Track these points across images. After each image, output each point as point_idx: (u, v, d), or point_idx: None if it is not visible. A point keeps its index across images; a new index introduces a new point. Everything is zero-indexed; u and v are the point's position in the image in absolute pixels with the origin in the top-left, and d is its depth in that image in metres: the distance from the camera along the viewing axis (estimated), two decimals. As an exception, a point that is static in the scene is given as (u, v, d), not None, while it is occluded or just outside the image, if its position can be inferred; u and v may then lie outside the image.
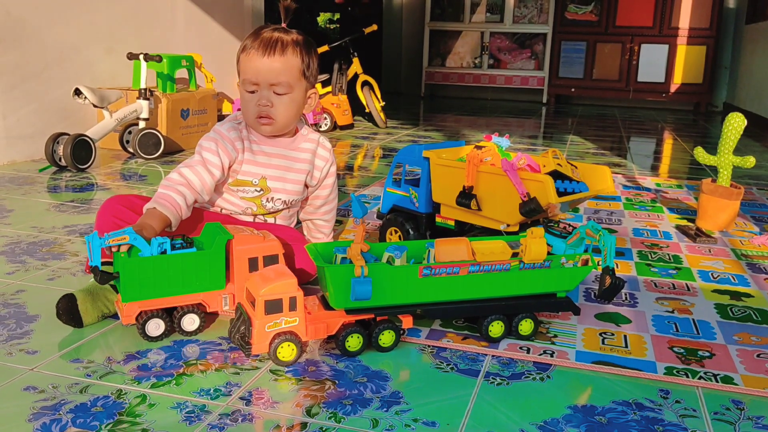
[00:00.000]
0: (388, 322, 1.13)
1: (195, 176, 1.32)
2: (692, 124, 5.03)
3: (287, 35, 1.35)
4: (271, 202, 1.43)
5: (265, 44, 1.33)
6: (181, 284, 1.15)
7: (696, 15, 5.76)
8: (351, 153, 3.24)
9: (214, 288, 1.18)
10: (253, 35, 1.35)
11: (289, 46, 1.34)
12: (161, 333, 1.15)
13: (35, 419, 0.90)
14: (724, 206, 1.92)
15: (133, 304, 1.13)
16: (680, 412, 0.98)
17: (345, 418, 0.93)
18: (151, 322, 1.14)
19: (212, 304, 1.19)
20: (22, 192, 2.19)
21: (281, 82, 1.33)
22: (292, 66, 1.34)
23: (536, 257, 1.14)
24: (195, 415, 0.93)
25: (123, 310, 1.14)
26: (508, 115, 5.33)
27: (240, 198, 1.42)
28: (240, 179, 1.40)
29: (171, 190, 1.27)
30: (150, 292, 1.13)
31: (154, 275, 1.13)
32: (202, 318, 1.17)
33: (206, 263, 1.16)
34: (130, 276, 1.11)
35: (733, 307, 1.38)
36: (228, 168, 1.38)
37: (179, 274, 1.14)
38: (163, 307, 1.15)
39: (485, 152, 1.43)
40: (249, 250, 1.17)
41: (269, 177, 1.41)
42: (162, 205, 1.24)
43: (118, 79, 3.17)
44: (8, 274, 1.44)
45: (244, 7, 4.22)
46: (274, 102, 1.35)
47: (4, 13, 2.58)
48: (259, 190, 1.41)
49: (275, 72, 1.33)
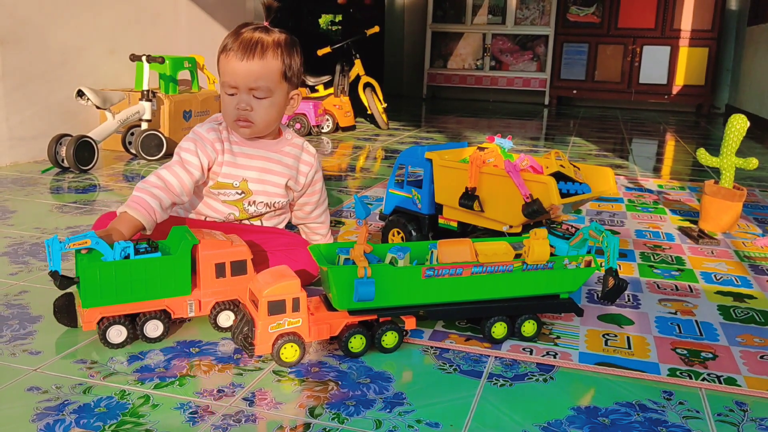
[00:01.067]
0: (391, 323, 1.13)
1: (173, 177, 1.30)
2: (694, 126, 5.02)
3: (268, 35, 1.31)
4: (253, 206, 1.41)
5: (245, 46, 1.28)
6: (145, 290, 1.12)
7: (698, 17, 5.77)
8: (353, 154, 3.24)
9: (179, 294, 1.15)
10: (234, 35, 1.31)
11: (270, 49, 1.30)
12: (123, 340, 1.11)
13: (39, 419, 0.90)
14: (727, 208, 1.92)
15: (94, 310, 1.10)
16: (683, 413, 0.98)
17: (348, 419, 0.93)
18: (112, 328, 1.10)
19: (177, 310, 1.16)
20: (25, 193, 2.19)
21: (260, 87, 1.30)
22: (272, 69, 1.31)
23: (539, 258, 1.14)
24: (198, 415, 0.93)
25: (84, 316, 1.10)
26: (509, 116, 5.34)
27: (222, 203, 1.40)
28: (220, 182, 1.38)
29: (145, 193, 1.25)
30: (112, 298, 1.10)
31: (116, 280, 1.10)
32: (166, 324, 1.14)
33: (171, 268, 1.13)
34: (91, 281, 1.08)
35: (736, 309, 1.37)
36: (208, 170, 1.36)
37: (143, 280, 1.12)
38: (126, 313, 1.12)
39: (488, 153, 1.43)
40: (215, 255, 1.15)
41: (250, 179, 1.39)
42: (134, 209, 1.22)
43: (121, 81, 3.18)
44: (11, 275, 1.44)
45: (246, 9, 4.23)
46: (254, 106, 1.32)
47: (8, 14, 2.59)
48: (240, 192, 1.39)
49: (254, 76, 1.29)
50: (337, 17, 9.10)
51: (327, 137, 3.76)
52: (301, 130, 3.71)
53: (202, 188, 1.40)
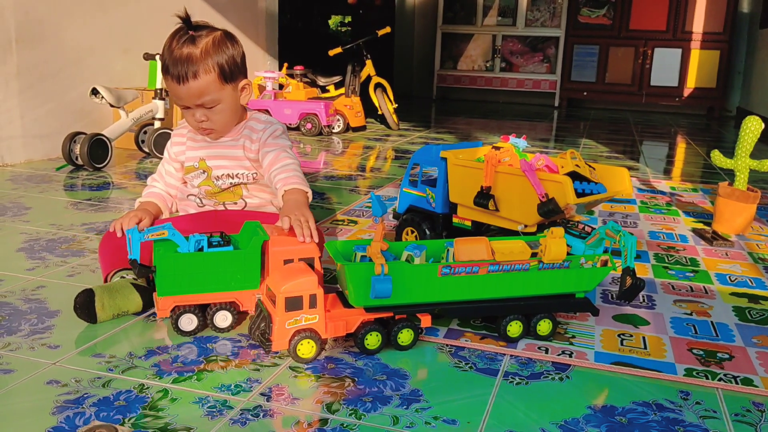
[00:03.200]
0: (407, 321, 1.13)
1: (158, 175, 1.45)
2: (705, 129, 5.00)
3: (195, 46, 1.29)
4: (221, 180, 1.43)
5: (177, 71, 1.29)
6: (216, 282, 1.17)
7: (710, 19, 5.74)
8: (363, 154, 3.25)
9: (248, 287, 1.19)
10: (167, 50, 1.31)
11: (200, 64, 1.29)
12: (194, 328, 1.16)
13: (59, 412, 0.91)
14: (741, 210, 1.91)
15: (168, 298, 1.15)
16: (701, 413, 0.97)
17: (365, 414, 0.93)
18: (184, 317, 1.15)
19: (245, 303, 1.20)
20: (40, 190, 2.21)
21: (206, 101, 1.32)
22: (209, 82, 1.30)
23: (556, 257, 1.14)
24: (217, 410, 0.93)
25: (158, 304, 1.15)
26: (520, 118, 5.33)
27: (197, 186, 1.44)
28: (186, 166, 1.44)
29: (147, 188, 1.44)
30: (185, 288, 1.15)
31: (189, 271, 1.14)
32: (234, 315, 1.18)
33: (241, 262, 1.17)
34: (166, 271, 1.13)
35: (752, 310, 1.37)
36: (177, 159, 1.45)
37: (214, 272, 1.16)
38: (197, 303, 1.17)
39: (503, 153, 1.44)
40: (285, 252, 1.17)
41: (207, 157, 1.42)
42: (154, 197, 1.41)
43: (134, 80, 3.20)
44: (28, 270, 1.46)
45: (258, 8, 4.24)
46: (208, 116, 1.34)
47: (23, 13, 2.61)
48: (202, 172, 1.42)
49: (195, 94, 1.31)
50: (347, 18, 9.11)
51: (338, 137, 3.77)
52: (312, 130, 3.72)
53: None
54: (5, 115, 2.59)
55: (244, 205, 1.45)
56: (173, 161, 1.45)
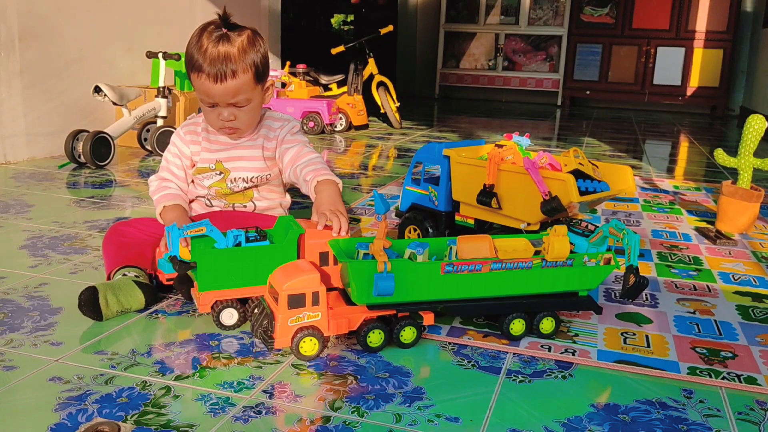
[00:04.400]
0: (410, 319, 1.13)
1: (168, 174, 1.42)
2: (708, 128, 4.99)
3: (232, 45, 1.28)
4: (235, 183, 1.42)
5: (215, 69, 1.26)
6: (255, 276, 1.17)
7: (713, 18, 5.73)
8: (366, 153, 3.25)
9: None
10: (198, 48, 1.27)
11: (239, 63, 1.27)
12: (235, 322, 1.17)
13: (61, 409, 0.91)
14: (744, 209, 1.91)
15: (209, 294, 1.16)
16: (704, 411, 0.97)
17: (368, 412, 0.93)
18: (225, 311, 1.17)
19: None
20: (42, 188, 2.21)
21: (239, 100, 1.31)
22: (246, 81, 1.29)
23: (559, 255, 1.14)
24: (219, 407, 0.93)
25: (199, 299, 1.16)
26: (522, 117, 5.32)
27: (207, 188, 1.43)
28: (200, 167, 1.42)
29: (163, 190, 1.39)
30: (224, 283, 1.16)
31: (228, 266, 1.15)
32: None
33: (279, 256, 1.17)
34: (206, 266, 1.14)
35: (755, 309, 1.37)
36: (191, 159, 1.42)
37: (253, 266, 1.17)
38: (237, 297, 1.17)
39: (506, 151, 1.43)
40: (320, 244, 1.18)
41: (224, 159, 1.41)
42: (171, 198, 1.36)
43: (137, 78, 3.20)
44: (31, 267, 1.46)
45: (260, 6, 4.24)
46: (237, 115, 1.33)
47: (26, 11, 2.61)
48: (218, 173, 1.41)
49: (231, 93, 1.29)
50: (349, 17, 9.11)
51: (340, 136, 3.77)
52: (314, 129, 3.72)
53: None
54: (8, 113, 2.59)
55: (253, 207, 1.46)
56: (184, 158, 1.42)
